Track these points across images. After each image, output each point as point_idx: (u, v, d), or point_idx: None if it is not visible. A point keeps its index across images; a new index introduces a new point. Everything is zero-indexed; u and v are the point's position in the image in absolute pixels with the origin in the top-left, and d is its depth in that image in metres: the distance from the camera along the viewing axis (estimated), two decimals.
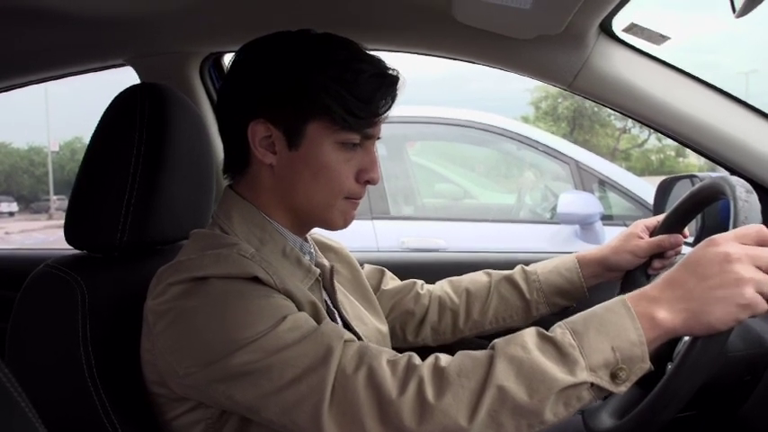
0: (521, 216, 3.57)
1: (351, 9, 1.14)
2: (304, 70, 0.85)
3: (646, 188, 2.98)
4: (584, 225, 2.87)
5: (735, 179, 0.85)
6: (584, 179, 3.10)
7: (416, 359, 0.75)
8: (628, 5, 1.09)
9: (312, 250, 0.97)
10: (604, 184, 3.13)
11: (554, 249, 2.32)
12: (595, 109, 21.60)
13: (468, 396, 0.70)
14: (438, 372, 0.72)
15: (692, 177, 1.21)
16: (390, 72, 0.88)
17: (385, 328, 1.07)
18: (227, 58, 1.49)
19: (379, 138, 0.91)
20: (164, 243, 1.00)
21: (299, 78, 0.85)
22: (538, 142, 3.18)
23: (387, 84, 0.87)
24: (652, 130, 1.36)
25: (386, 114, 0.89)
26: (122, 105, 0.96)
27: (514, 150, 3.43)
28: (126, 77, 1.34)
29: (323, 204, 0.89)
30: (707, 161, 1.25)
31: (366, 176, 0.89)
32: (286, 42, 0.89)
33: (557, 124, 22.71)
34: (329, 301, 0.96)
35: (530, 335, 0.74)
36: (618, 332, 0.72)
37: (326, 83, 0.84)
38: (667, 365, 0.89)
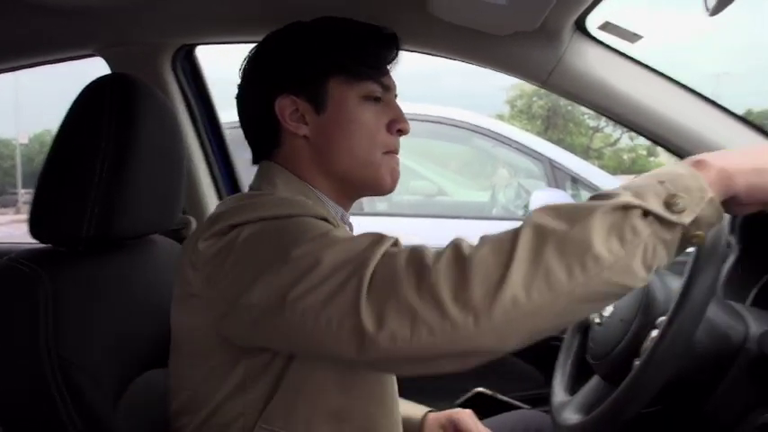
0: (494, 213, 3.59)
1: (325, 1, 1.13)
2: (312, 37, 0.92)
3: (615, 185, 3.01)
4: None
5: None
6: (557, 177, 3.13)
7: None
8: (603, 4, 1.09)
9: (351, 222, 0.98)
10: (577, 181, 3.16)
11: None
12: (569, 108, 21.82)
13: (505, 244, 0.64)
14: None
15: None
16: (372, 23, 0.94)
17: None
18: (201, 51, 1.47)
19: (396, 95, 0.96)
20: (131, 237, 0.99)
21: (310, 46, 0.91)
22: (512, 140, 3.21)
23: (385, 37, 0.94)
24: (624, 130, 1.38)
25: (394, 63, 0.95)
26: (90, 96, 0.93)
27: (489, 148, 3.45)
28: (101, 70, 1.32)
29: (365, 161, 0.91)
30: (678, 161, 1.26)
31: (397, 126, 0.93)
32: (299, 25, 0.95)
33: (531, 122, 22.87)
34: None
35: None
36: (660, 172, 0.67)
37: (335, 43, 0.91)
38: (634, 361, 0.90)
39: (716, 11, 0.79)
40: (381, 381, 0.89)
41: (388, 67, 0.95)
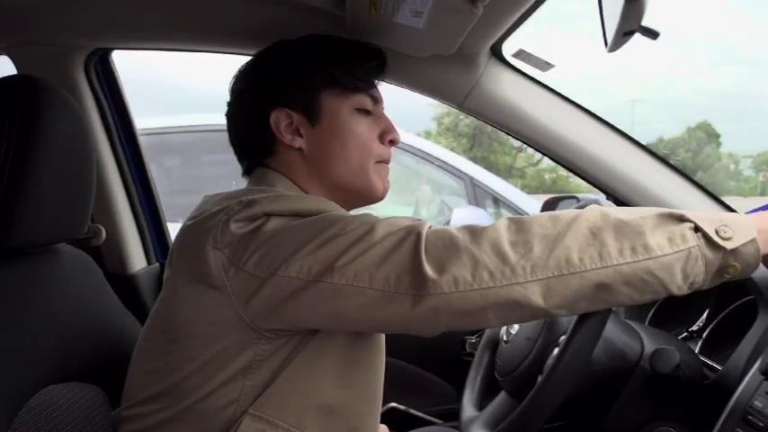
0: None
1: (245, 18, 1.12)
2: (305, 55, 0.95)
3: (533, 205, 3.12)
4: None
5: (605, 202, 0.91)
6: (478, 195, 3.21)
7: None
8: (520, 33, 1.14)
9: None
10: (498, 201, 3.24)
11: None
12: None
13: (566, 216, 0.73)
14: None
15: (574, 198, 1.28)
16: (370, 45, 0.99)
17: None
18: (117, 56, 1.43)
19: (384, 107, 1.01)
20: (33, 246, 0.94)
21: (302, 61, 0.95)
22: (435, 157, 3.27)
23: (370, 51, 0.98)
24: None
25: (381, 76, 1.00)
26: None
27: (413, 164, 3.50)
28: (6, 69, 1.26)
29: (359, 170, 0.94)
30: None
31: (389, 136, 0.97)
32: (290, 42, 0.98)
33: (457, 140, 23.36)
34: None
35: None
36: (716, 213, 0.79)
37: (324, 58, 0.94)
38: (538, 378, 0.93)
39: (614, 47, 0.84)
40: (375, 379, 0.91)
41: (375, 81, 1.00)
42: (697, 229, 0.73)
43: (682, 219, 0.73)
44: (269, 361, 0.81)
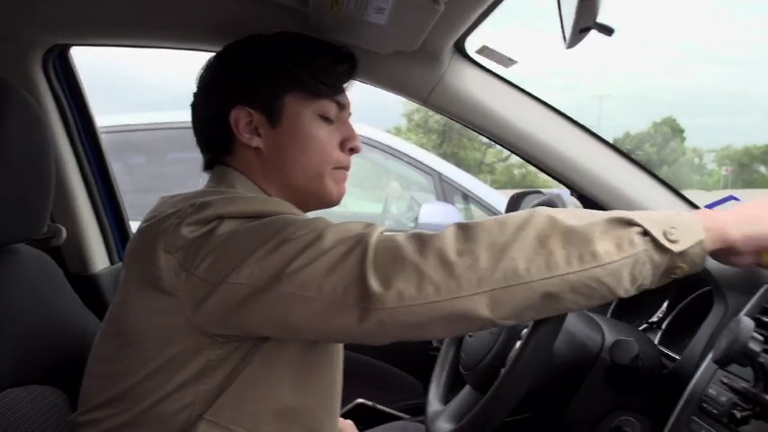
0: (386, 225, 3.64)
1: (207, 14, 1.11)
2: (271, 52, 0.94)
3: (501, 201, 3.14)
4: None
5: (567, 196, 0.92)
6: (446, 191, 3.22)
7: None
8: (490, 30, 1.15)
9: None
10: (467, 197, 3.26)
11: None
12: None
13: (514, 221, 0.72)
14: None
15: (539, 192, 1.30)
16: (342, 48, 0.97)
17: None
18: (85, 52, 1.40)
19: (350, 113, 0.99)
20: None
21: (267, 60, 0.93)
22: (403, 153, 3.28)
23: (342, 55, 0.96)
24: None
25: (349, 82, 0.98)
26: None
27: (382, 160, 3.50)
28: None
29: (316, 175, 0.93)
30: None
31: (350, 144, 0.96)
32: (260, 38, 0.97)
33: (427, 136, 23.45)
34: None
35: None
36: (668, 212, 0.76)
37: (292, 59, 0.93)
38: (501, 371, 0.94)
39: (572, 44, 0.85)
40: (333, 384, 0.90)
41: (345, 86, 0.98)
42: (645, 233, 0.73)
43: (630, 223, 0.73)
44: (222, 366, 0.80)
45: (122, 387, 0.82)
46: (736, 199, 1.34)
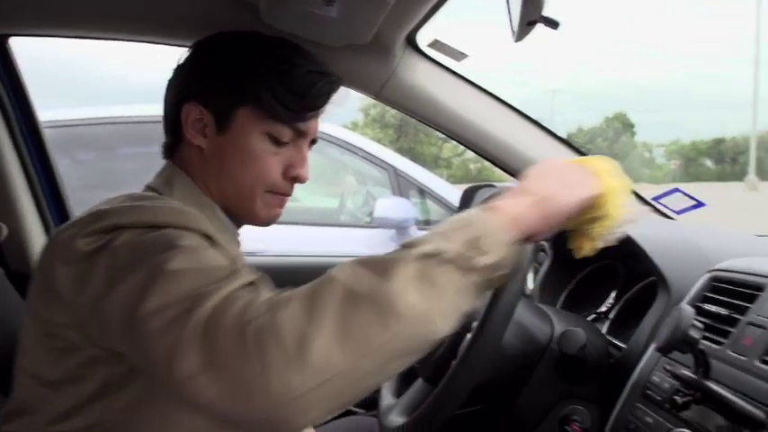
0: (342, 219, 3.63)
1: (153, 5, 1.09)
2: (240, 59, 0.89)
3: (455, 195, 3.17)
4: (400, 229, 2.98)
5: None
6: (402, 185, 3.23)
7: None
8: (448, 23, 1.15)
9: (240, 241, 0.96)
10: (423, 191, 3.28)
11: (371, 252, 2.38)
12: None
13: (312, 303, 0.60)
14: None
15: (491, 186, 1.31)
16: (329, 72, 0.91)
17: None
18: (14, 42, 1.35)
19: (314, 140, 0.94)
20: None
21: (233, 65, 0.89)
22: (359, 148, 3.28)
23: (324, 81, 0.89)
24: None
25: (318, 111, 0.91)
26: None
27: (338, 155, 3.49)
28: None
29: (247, 193, 0.89)
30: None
31: (293, 172, 0.90)
32: (232, 37, 0.93)
33: (384, 131, 23.47)
34: None
35: None
36: (469, 214, 0.67)
37: (260, 72, 0.87)
38: (452, 363, 0.95)
39: (520, 37, 0.86)
40: None
41: (318, 111, 0.90)
42: (449, 260, 0.63)
43: (429, 255, 0.62)
44: (123, 383, 0.76)
45: (30, 398, 0.79)
46: (681, 192, 1.38)
